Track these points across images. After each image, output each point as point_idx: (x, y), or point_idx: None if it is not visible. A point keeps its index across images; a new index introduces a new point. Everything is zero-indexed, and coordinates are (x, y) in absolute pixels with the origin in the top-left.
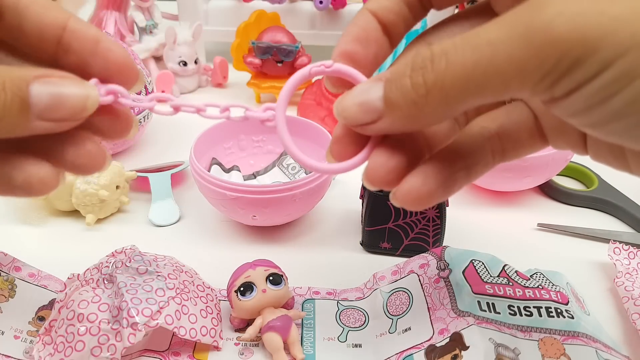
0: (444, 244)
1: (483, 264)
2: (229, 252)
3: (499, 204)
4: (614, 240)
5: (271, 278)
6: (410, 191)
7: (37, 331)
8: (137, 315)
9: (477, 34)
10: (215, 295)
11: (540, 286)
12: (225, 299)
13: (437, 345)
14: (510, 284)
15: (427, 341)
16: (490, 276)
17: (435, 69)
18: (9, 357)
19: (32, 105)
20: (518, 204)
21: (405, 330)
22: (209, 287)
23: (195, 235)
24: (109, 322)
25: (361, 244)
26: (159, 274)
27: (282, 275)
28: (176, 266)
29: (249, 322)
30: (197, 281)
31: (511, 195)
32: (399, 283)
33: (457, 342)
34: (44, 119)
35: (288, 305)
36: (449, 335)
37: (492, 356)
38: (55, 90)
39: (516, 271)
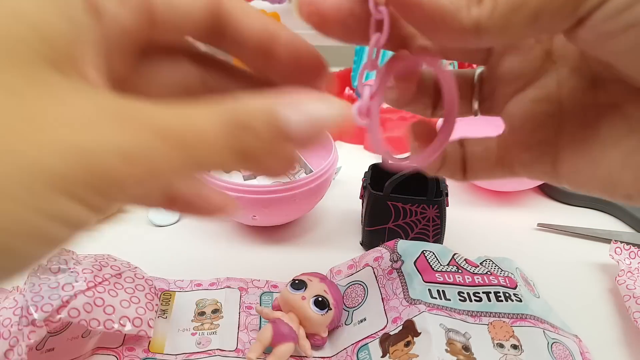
0: (443, 244)
1: (433, 253)
2: (229, 252)
3: (499, 204)
4: (616, 240)
5: (319, 299)
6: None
7: None
8: (35, 312)
9: None
10: (151, 285)
11: (488, 272)
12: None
13: (391, 333)
14: (460, 271)
15: (381, 330)
16: (440, 265)
17: None
18: None
19: (293, 135)
20: (518, 204)
21: (361, 321)
22: (142, 278)
23: (195, 235)
24: (18, 324)
25: (361, 244)
26: (72, 270)
27: (328, 304)
28: (101, 262)
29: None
30: (127, 274)
31: (511, 195)
32: (355, 276)
33: (409, 329)
34: (300, 144)
35: (314, 340)
36: (402, 323)
37: (443, 341)
38: (309, 114)
39: (465, 259)
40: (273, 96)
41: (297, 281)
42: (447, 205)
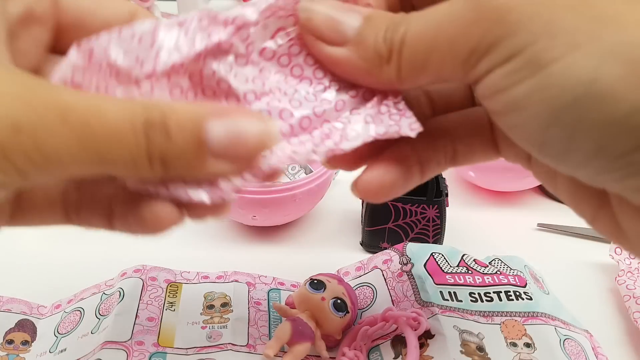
0: (444, 244)
1: (443, 255)
2: (229, 252)
3: (499, 204)
4: None
5: (338, 302)
6: (372, 182)
7: (7, 355)
8: None
9: (434, 10)
10: None
11: (498, 272)
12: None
13: (403, 335)
14: (470, 272)
15: (392, 332)
16: (450, 266)
17: (399, 32)
18: None
19: (210, 145)
20: (518, 204)
21: None
22: None
23: (195, 235)
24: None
25: (361, 244)
26: None
27: (346, 307)
28: None
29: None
30: None
31: (511, 195)
32: (363, 278)
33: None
34: (220, 158)
35: (328, 341)
36: None
37: (457, 343)
38: (234, 127)
39: (474, 259)
40: (204, 104)
41: (315, 281)
42: (447, 206)
